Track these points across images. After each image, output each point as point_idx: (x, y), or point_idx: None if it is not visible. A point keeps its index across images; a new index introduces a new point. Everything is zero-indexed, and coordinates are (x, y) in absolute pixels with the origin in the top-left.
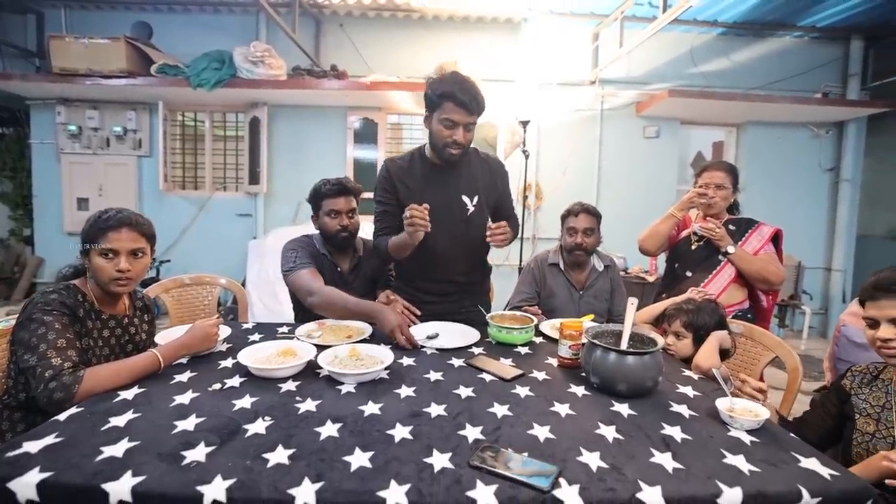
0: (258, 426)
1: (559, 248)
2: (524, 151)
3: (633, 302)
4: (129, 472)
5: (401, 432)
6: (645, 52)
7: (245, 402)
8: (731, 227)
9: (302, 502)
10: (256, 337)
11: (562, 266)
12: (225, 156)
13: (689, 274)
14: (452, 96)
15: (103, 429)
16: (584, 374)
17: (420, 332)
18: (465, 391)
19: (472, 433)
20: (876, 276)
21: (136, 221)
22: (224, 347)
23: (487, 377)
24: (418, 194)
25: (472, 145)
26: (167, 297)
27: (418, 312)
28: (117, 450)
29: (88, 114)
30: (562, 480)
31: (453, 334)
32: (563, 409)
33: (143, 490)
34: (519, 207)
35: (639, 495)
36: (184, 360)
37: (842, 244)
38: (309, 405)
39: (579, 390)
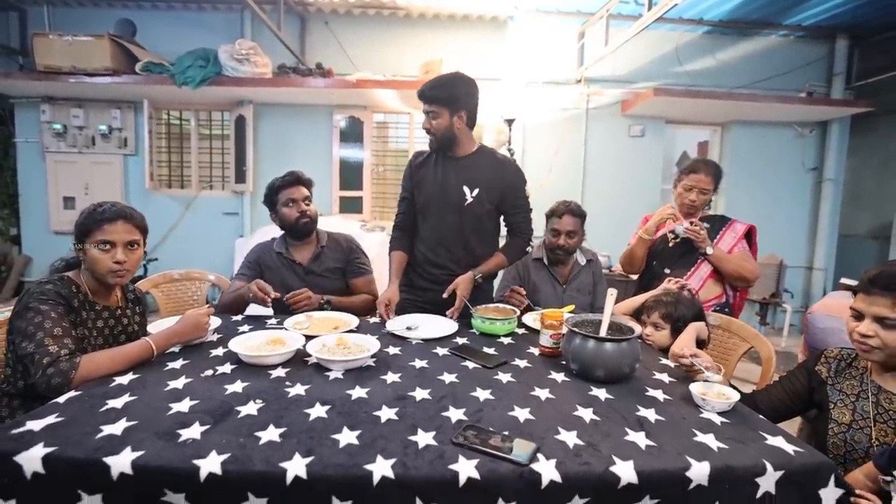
0: (250, 408)
1: (543, 244)
2: (510, 150)
3: (612, 293)
4: (129, 448)
5: (387, 413)
6: (630, 51)
7: (237, 386)
8: (705, 224)
9: (293, 474)
10: (246, 328)
11: (545, 261)
12: (211, 154)
13: (667, 271)
14: (417, 93)
15: (101, 410)
16: (564, 362)
17: (399, 323)
18: (449, 377)
19: (455, 415)
20: (878, 271)
21: (131, 214)
22: (215, 337)
23: (471, 364)
24: (423, 181)
25: (500, 153)
26: (157, 291)
27: (273, 294)
28: (116, 428)
29: (73, 112)
30: (540, 455)
31: (432, 325)
32: (543, 393)
33: (142, 463)
34: None
35: (612, 468)
36: (176, 349)
37: (823, 243)
38: (298, 389)
39: (559, 376)
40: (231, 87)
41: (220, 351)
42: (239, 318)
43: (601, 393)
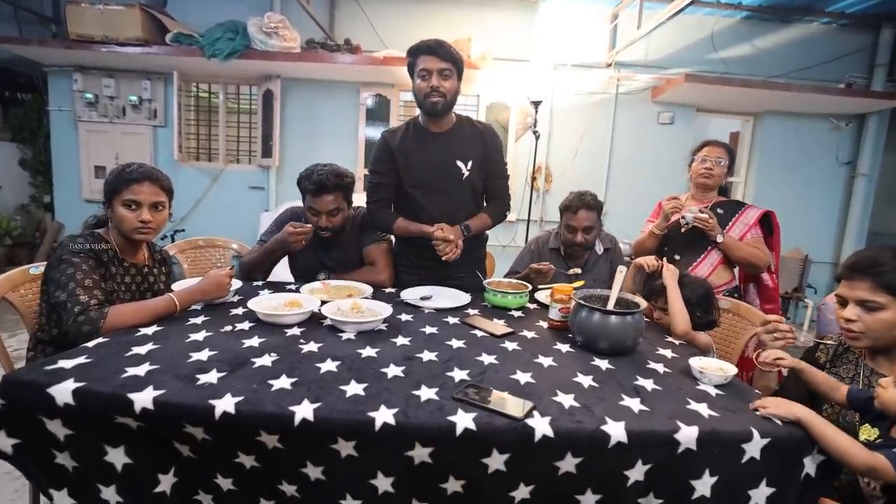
0: (264, 360)
1: (558, 234)
2: (535, 132)
3: (621, 270)
4: (151, 387)
5: (394, 371)
6: (663, 36)
7: (253, 341)
8: (719, 210)
9: (301, 417)
10: (266, 292)
11: (561, 252)
12: (238, 128)
13: (677, 257)
14: (419, 48)
15: (127, 355)
16: (571, 335)
17: (414, 293)
18: (456, 343)
19: (458, 375)
20: (856, 256)
21: (157, 176)
22: (235, 298)
23: (479, 333)
24: (414, 160)
25: (475, 119)
26: (181, 257)
27: (308, 227)
28: (140, 370)
29: (104, 82)
30: (535, 413)
31: (445, 297)
32: (546, 361)
33: (163, 400)
34: (528, 189)
35: (603, 427)
36: (198, 307)
37: (852, 240)
38: (311, 347)
39: (564, 347)
40: (259, 61)
41: (239, 310)
42: (259, 283)
43: (603, 363)
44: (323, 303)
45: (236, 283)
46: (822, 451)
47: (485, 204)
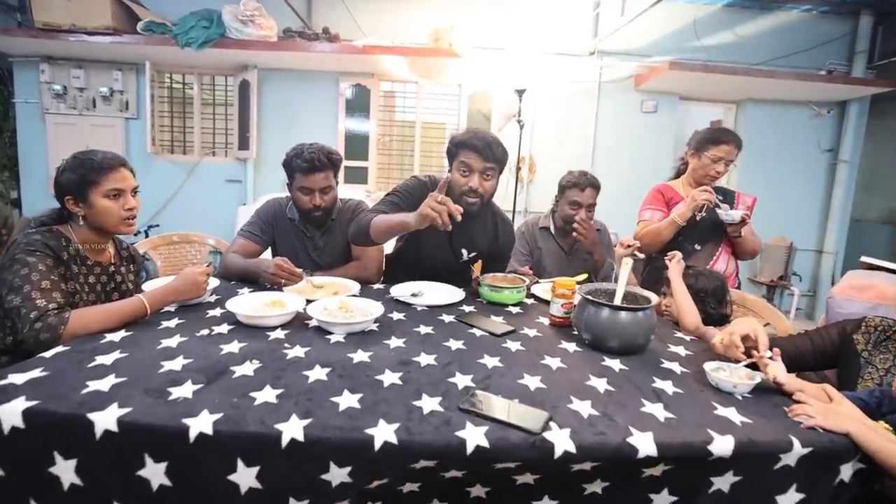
0: (246, 368)
1: (550, 213)
2: (519, 122)
3: (627, 262)
4: (116, 404)
5: (390, 378)
6: (646, 23)
7: (233, 346)
8: (718, 197)
9: (290, 437)
10: (246, 290)
11: (552, 230)
12: (214, 120)
13: (697, 247)
14: (467, 143)
15: (90, 366)
16: (575, 332)
17: (404, 290)
18: (455, 343)
19: (462, 381)
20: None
21: (127, 161)
22: (213, 298)
23: (478, 332)
24: (427, 231)
25: (498, 209)
26: (155, 254)
27: (299, 271)
28: (103, 384)
29: (73, 73)
30: (552, 424)
31: (438, 292)
32: (554, 362)
33: (129, 420)
34: (512, 181)
35: (629, 440)
36: (171, 308)
37: (835, 227)
38: (297, 351)
39: (571, 346)
40: (235, 50)
41: (217, 311)
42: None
43: (615, 364)
44: (308, 302)
45: (213, 282)
46: (864, 459)
47: None
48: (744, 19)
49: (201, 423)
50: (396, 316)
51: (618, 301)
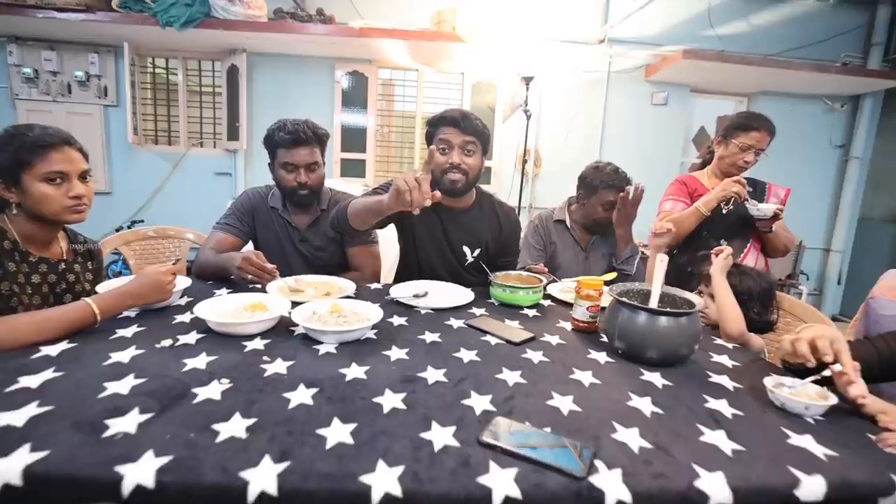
0: (212, 390)
1: (566, 205)
2: (526, 111)
3: (662, 259)
4: (28, 446)
5: (391, 400)
6: (659, 10)
7: (199, 361)
8: (748, 189)
9: (258, 490)
10: (224, 291)
11: (568, 223)
12: (201, 109)
13: (723, 243)
14: (442, 118)
15: (7, 391)
16: (604, 339)
17: (406, 289)
18: (467, 354)
19: (479, 403)
20: None
21: (74, 139)
22: (183, 301)
23: (492, 340)
24: (419, 230)
25: (497, 198)
26: (127, 250)
27: (270, 267)
28: (18, 417)
29: (45, 55)
30: (598, 463)
31: (445, 293)
32: (585, 376)
33: (40, 471)
34: (517, 175)
35: (697, 483)
36: (132, 313)
37: (844, 224)
38: (278, 367)
39: (601, 356)
40: (221, 31)
41: (186, 317)
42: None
43: (655, 377)
44: (294, 305)
45: (184, 282)
46: None
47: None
48: (758, 8)
49: (140, 472)
50: (397, 321)
51: (654, 303)
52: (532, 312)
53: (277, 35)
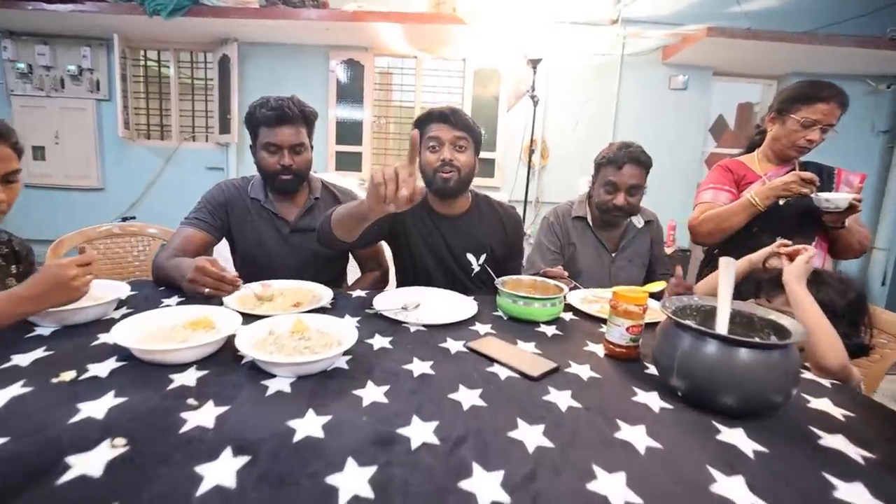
0: (94, 459)
1: (586, 199)
2: (533, 97)
3: (728, 264)
4: None
5: (352, 481)
6: None
7: (100, 406)
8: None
9: None
10: (173, 300)
11: (590, 221)
12: (193, 102)
13: (778, 240)
14: (430, 115)
15: None
16: (650, 370)
17: (394, 300)
18: (468, 395)
19: (484, 486)
20: None
21: (8, 131)
22: (119, 313)
23: (502, 371)
24: (416, 245)
25: (494, 199)
26: (90, 249)
27: (231, 276)
28: None
29: (38, 49)
30: None
31: (441, 304)
32: (637, 435)
33: None
34: (522, 168)
35: None
36: (45, 331)
37: (889, 219)
38: (205, 416)
39: (652, 399)
40: (210, 19)
41: (111, 337)
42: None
43: (739, 438)
44: (251, 318)
45: (119, 289)
46: None
47: None
48: None
49: None
50: (379, 342)
51: (722, 325)
52: (551, 330)
53: (269, 22)
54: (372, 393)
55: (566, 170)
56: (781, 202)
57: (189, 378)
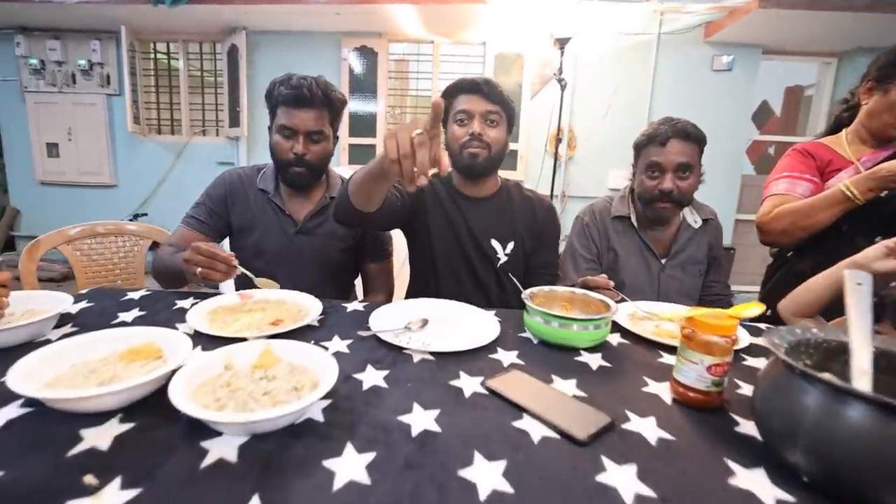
0: None
1: (628, 195)
2: (560, 80)
3: (861, 281)
4: None
5: None
6: None
7: None
8: None
9: None
10: (130, 315)
11: (633, 221)
12: (203, 95)
13: (878, 241)
14: (459, 85)
15: None
16: (742, 427)
17: (394, 318)
18: (487, 472)
19: None
20: None
21: None
22: (57, 334)
23: (535, 428)
24: (437, 228)
25: (526, 187)
26: (69, 250)
27: (225, 254)
28: None
29: (49, 44)
30: None
31: (454, 322)
32: None
33: None
34: (548, 159)
35: None
36: None
37: None
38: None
39: (761, 486)
40: (217, 6)
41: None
42: (135, 294)
43: None
44: (219, 342)
45: (60, 302)
46: None
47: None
48: None
49: None
50: (370, 378)
51: (862, 375)
52: (595, 360)
53: (277, 7)
54: (349, 466)
55: (595, 161)
56: (883, 194)
57: (104, 436)
